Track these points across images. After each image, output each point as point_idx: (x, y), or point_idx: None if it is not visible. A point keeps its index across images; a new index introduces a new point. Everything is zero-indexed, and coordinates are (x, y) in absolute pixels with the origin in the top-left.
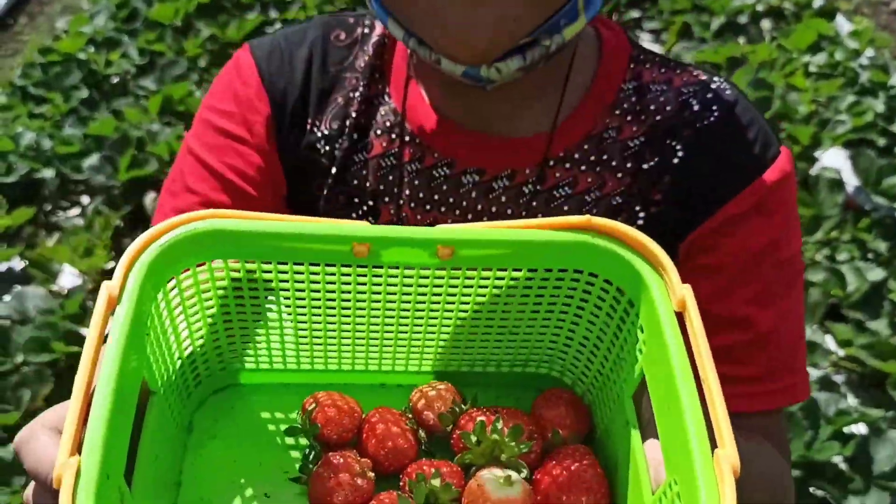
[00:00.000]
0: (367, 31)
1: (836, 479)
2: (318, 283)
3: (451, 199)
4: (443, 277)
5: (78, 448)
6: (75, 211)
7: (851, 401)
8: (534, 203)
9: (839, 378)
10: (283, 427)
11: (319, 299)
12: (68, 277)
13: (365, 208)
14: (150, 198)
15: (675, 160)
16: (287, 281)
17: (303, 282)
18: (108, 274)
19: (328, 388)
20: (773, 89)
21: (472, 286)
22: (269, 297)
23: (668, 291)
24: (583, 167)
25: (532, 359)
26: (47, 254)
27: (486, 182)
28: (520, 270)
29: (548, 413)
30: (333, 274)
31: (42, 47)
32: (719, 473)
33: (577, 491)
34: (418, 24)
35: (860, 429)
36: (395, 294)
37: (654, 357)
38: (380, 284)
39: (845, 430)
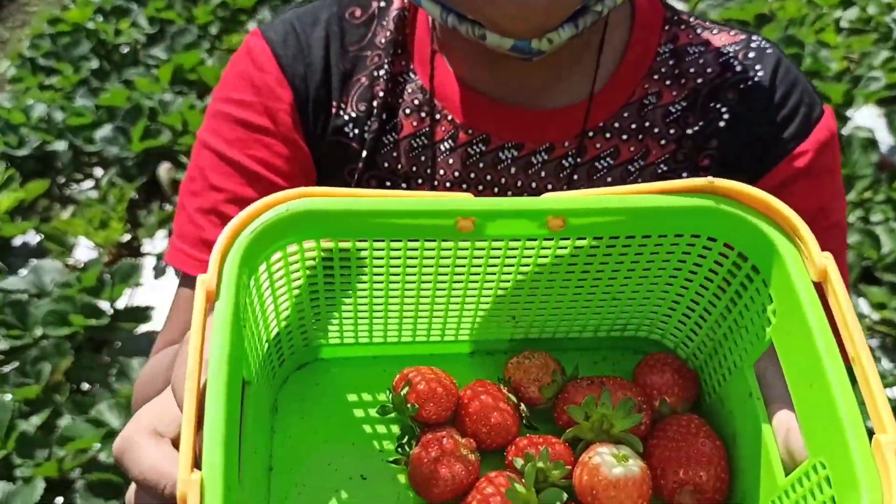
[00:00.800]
0: (383, 4)
1: None
2: (416, 258)
3: (488, 177)
4: (549, 248)
5: (195, 461)
6: (89, 183)
7: (886, 365)
8: (575, 176)
9: (873, 342)
10: (371, 404)
11: (415, 274)
12: (84, 250)
13: None
14: (163, 168)
15: (721, 123)
16: (382, 258)
17: (399, 258)
18: (125, 246)
19: (414, 360)
20: (803, 46)
21: (578, 255)
22: (361, 273)
23: (803, 259)
24: (624, 136)
25: (632, 322)
26: (62, 227)
27: (525, 157)
28: (632, 237)
29: (654, 380)
30: (433, 249)
31: (50, 17)
32: (881, 461)
33: (696, 465)
34: (467, 2)
35: (895, 393)
36: (496, 266)
37: (789, 329)
38: (481, 257)
39: None
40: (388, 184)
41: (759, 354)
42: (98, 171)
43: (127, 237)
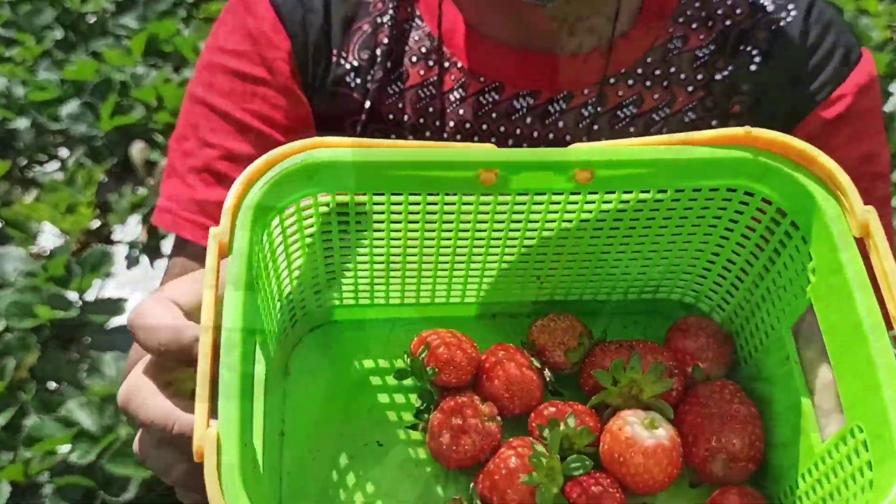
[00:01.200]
0: None
1: None
2: (435, 213)
3: (502, 128)
4: (576, 202)
5: (212, 414)
6: (54, 164)
7: None
8: (595, 126)
9: None
10: (387, 368)
11: (434, 230)
12: (49, 237)
13: None
14: (136, 148)
15: (753, 67)
16: (400, 213)
17: (417, 213)
18: (94, 234)
19: (433, 322)
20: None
21: (608, 210)
22: (377, 230)
23: (845, 214)
24: (648, 83)
25: (664, 284)
26: (25, 212)
27: (541, 106)
28: (664, 191)
29: (687, 345)
30: (453, 203)
31: None
32: None
33: (729, 432)
34: None
35: None
36: (520, 222)
37: (828, 288)
38: (504, 213)
39: None
40: (394, 136)
41: (797, 316)
42: (64, 152)
43: (96, 223)
